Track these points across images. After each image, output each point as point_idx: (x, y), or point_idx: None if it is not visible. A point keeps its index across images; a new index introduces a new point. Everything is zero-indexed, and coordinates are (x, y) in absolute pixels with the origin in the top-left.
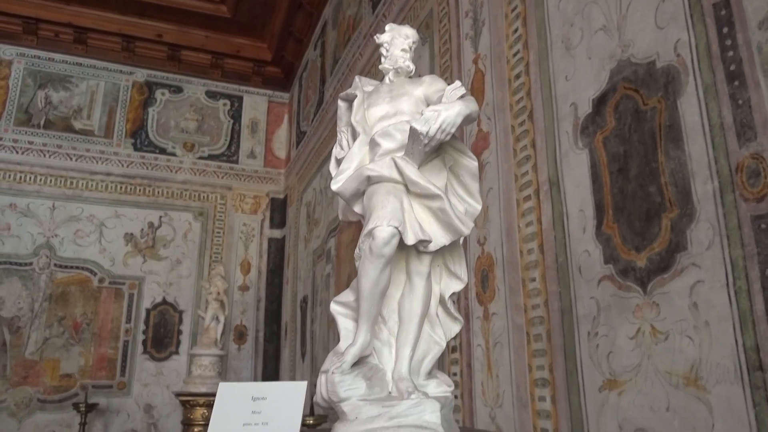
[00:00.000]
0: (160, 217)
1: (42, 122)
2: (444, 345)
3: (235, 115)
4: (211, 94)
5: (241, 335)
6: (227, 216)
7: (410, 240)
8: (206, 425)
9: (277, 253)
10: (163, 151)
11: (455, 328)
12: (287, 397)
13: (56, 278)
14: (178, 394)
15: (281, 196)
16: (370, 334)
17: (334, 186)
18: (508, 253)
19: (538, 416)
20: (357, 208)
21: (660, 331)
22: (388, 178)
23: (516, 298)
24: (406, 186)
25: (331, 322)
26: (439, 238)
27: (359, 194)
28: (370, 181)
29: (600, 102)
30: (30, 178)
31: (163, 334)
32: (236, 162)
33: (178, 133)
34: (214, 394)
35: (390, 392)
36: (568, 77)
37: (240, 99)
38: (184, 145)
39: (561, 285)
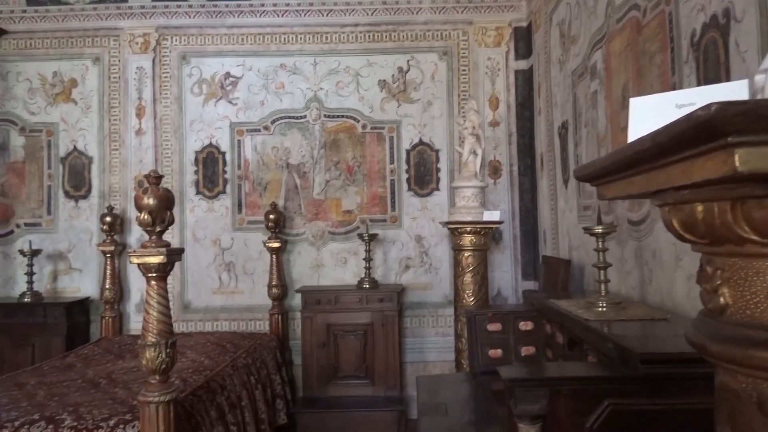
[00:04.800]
0: (408, 60)
1: None
2: None
3: None
4: None
5: (495, 170)
6: (471, 52)
7: None
8: (475, 250)
9: (524, 84)
10: None
11: None
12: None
13: (327, 127)
14: (447, 224)
15: (524, 24)
16: None
17: None
18: None
19: None
20: None
21: None
22: None
23: None
24: None
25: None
26: None
27: None
28: None
29: None
30: (292, 38)
31: (423, 173)
32: None
33: None
34: (479, 222)
35: None
36: None
37: None
38: None
39: None
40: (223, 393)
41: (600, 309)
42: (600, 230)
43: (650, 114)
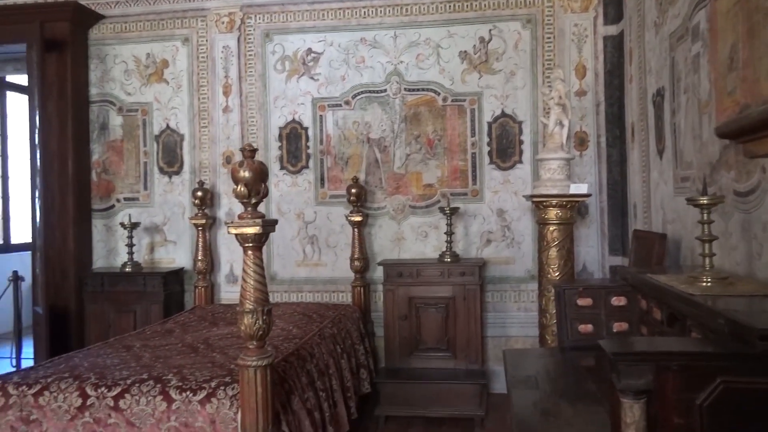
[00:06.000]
0: (490, 30)
1: None
2: None
3: None
4: None
5: (582, 141)
6: (556, 19)
7: None
8: (560, 224)
9: (613, 51)
10: None
11: None
12: None
13: (407, 101)
14: (531, 197)
15: None
16: None
17: None
18: None
19: None
20: None
21: None
22: None
23: None
24: None
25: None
26: None
27: None
28: None
29: None
30: (372, 11)
31: (505, 145)
32: None
33: None
34: (565, 195)
35: None
36: None
37: None
38: None
39: None
40: (312, 360)
41: (705, 284)
42: (705, 201)
43: None
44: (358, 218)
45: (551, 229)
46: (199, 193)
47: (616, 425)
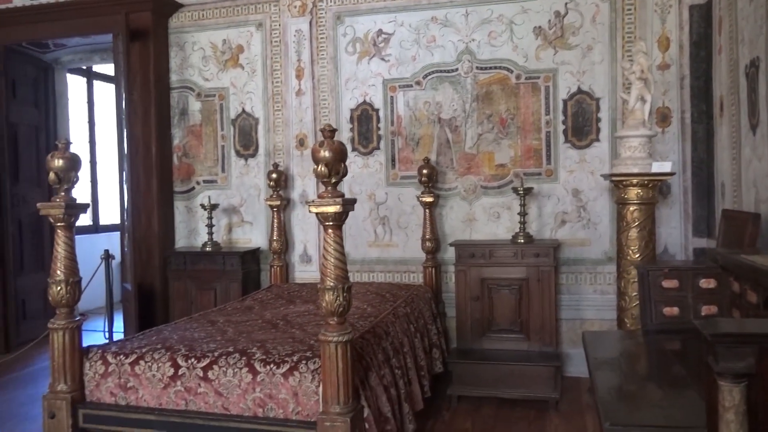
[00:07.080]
0: (566, 3)
1: None
2: None
3: None
4: None
5: (664, 118)
6: None
7: None
8: (641, 204)
9: (700, 21)
10: None
11: None
12: None
13: (479, 80)
14: (611, 176)
15: None
16: None
17: None
18: None
19: None
20: None
21: None
22: None
23: None
24: None
25: None
26: None
27: None
28: None
29: None
30: None
31: (581, 123)
32: None
33: None
34: (647, 174)
35: None
36: None
37: None
38: None
39: None
40: (387, 339)
41: None
42: None
43: None
44: (430, 199)
45: (631, 209)
46: (274, 175)
47: (713, 409)
